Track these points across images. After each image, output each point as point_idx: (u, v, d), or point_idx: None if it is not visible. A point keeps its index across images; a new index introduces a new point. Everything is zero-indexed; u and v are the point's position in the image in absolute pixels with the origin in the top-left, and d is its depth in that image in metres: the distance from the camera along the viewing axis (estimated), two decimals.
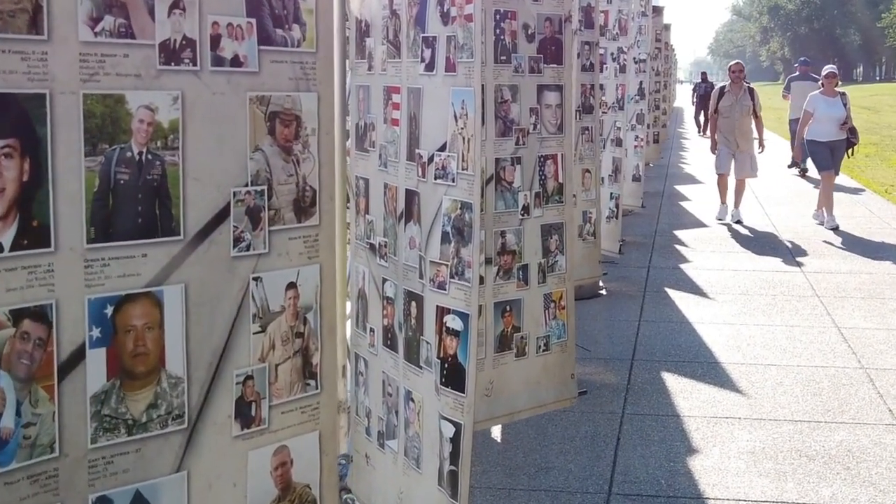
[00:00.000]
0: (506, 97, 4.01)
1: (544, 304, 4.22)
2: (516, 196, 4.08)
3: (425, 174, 2.73)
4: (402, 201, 2.89)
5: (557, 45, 4.19)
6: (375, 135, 3.08)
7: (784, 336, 7.25)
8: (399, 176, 2.91)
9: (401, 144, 2.89)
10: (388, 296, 3.01)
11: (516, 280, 4.11)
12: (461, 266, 2.59)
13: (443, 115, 2.64)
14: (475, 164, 2.51)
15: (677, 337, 7.26)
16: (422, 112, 2.75)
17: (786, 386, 6.09)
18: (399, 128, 2.90)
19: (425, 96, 2.74)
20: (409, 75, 2.83)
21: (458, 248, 2.59)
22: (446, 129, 2.63)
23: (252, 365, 2.52)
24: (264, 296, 2.53)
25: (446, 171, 2.63)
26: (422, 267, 2.78)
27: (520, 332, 4.15)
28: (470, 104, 2.53)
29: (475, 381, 2.56)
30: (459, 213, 2.58)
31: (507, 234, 4.05)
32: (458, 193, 2.58)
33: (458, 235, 2.59)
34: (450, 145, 2.62)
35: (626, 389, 6.06)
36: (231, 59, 2.43)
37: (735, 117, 11.99)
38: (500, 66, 3.98)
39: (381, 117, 3.03)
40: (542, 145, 4.18)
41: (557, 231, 4.25)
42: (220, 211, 2.43)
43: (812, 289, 8.81)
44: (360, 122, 3.19)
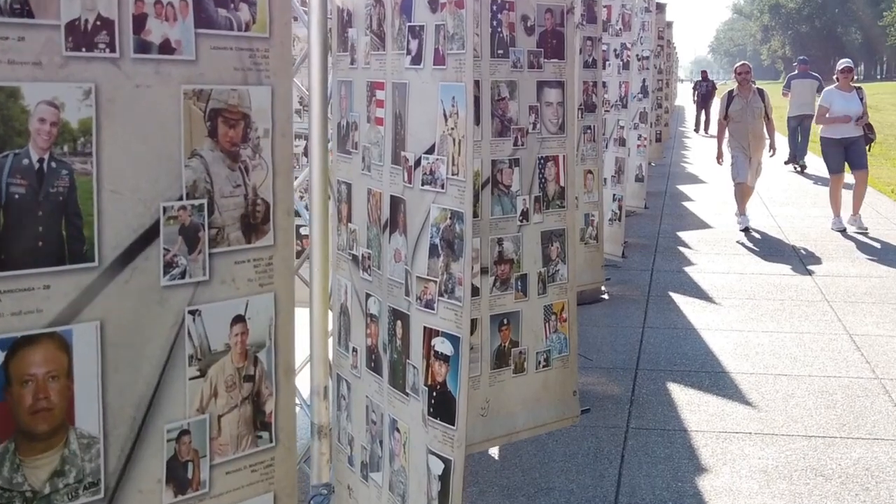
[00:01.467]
0: (503, 94, 3.72)
1: (544, 317, 3.94)
2: (514, 201, 3.79)
3: (411, 179, 2.44)
4: (386, 209, 2.60)
5: (559, 39, 3.90)
6: (358, 135, 2.80)
7: (794, 343, 6.97)
8: (383, 181, 2.62)
9: (385, 146, 2.61)
10: (372, 313, 2.73)
11: (514, 291, 3.82)
12: (451, 283, 2.30)
13: (431, 113, 2.36)
14: (467, 168, 2.22)
15: (683, 344, 6.98)
16: (408, 110, 2.47)
17: (798, 398, 5.81)
18: (383, 128, 2.61)
19: (412, 92, 2.45)
20: (395, 69, 2.55)
21: (448, 263, 2.31)
22: (435, 130, 2.34)
23: (188, 417, 2.11)
24: (203, 333, 2.13)
25: (434, 177, 2.34)
26: (408, 283, 2.49)
27: (518, 346, 3.87)
28: (461, 101, 2.25)
29: (466, 413, 2.28)
30: (449, 223, 2.29)
31: (505, 241, 3.76)
32: (448, 201, 2.29)
33: (447, 248, 2.30)
34: (438, 147, 2.34)
35: (630, 402, 5.78)
36: (160, 45, 2.01)
37: (748, 121, 11.43)
38: (497, 61, 3.69)
39: (365, 116, 2.74)
40: (543, 146, 3.89)
41: (559, 238, 3.96)
42: (147, 231, 2.01)
43: (821, 293, 8.54)
44: (343, 121, 2.90)
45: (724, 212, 13.53)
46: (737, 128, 11.51)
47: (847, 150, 11.45)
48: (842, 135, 11.41)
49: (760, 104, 11.49)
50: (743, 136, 11.47)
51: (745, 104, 11.45)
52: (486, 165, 3.67)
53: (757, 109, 11.43)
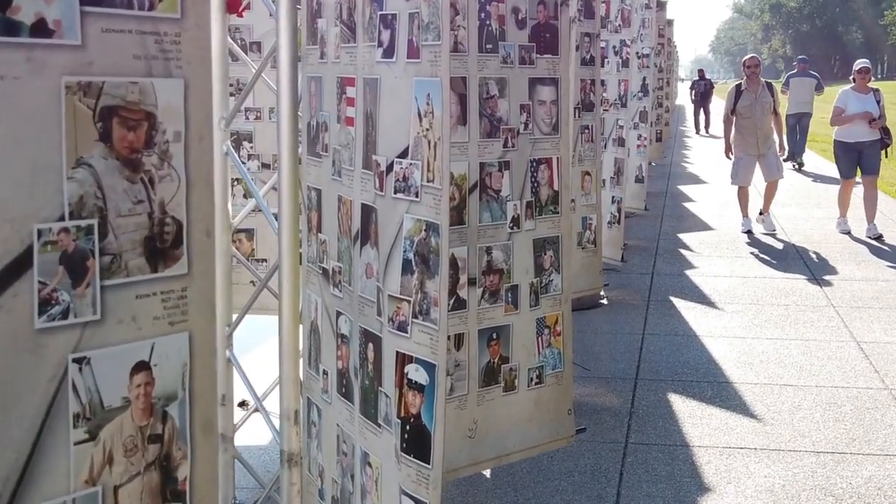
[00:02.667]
0: (492, 92, 3.47)
1: (537, 331, 3.68)
2: (504, 206, 3.53)
3: (383, 186, 2.18)
4: (357, 219, 2.34)
5: (552, 33, 3.64)
6: (328, 137, 2.54)
7: (800, 352, 6.72)
8: (354, 188, 2.36)
9: (356, 149, 2.35)
10: (343, 333, 2.47)
11: (504, 303, 3.56)
12: (426, 303, 2.04)
13: (404, 112, 2.10)
14: (443, 174, 1.96)
15: (684, 352, 6.73)
16: (379, 109, 2.21)
17: (804, 410, 5.55)
18: (354, 128, 2.36)
19: (383, 89, 2.19)
20: (365, 63, 2.29)
21: (423, 281, 2.05)
22: (408, 130, 2.09)
23: (74, 491, 1.70)
24: (94, 386, 1.73)
25: (408, 184, 2.09)
26: (380, 301, 2.23)
27: (508, 363, 3.61)
28: (436, 98, 1.99)
29: (443, 450, 2.02)
30: (424, 236, 2.03)
31: (494, 250, 3.50)
32: (422, 211, 2.04)
33: (421, 264, 2.04)
34: (412, 151, 2.08)
35: (629, 414, 5.52)
36: (33, 26, 1.60)
37: (756, 117, 10.90)
38: (486, 56, 3.43)
39: (335, 115, 2.48)
40: (535, 147, 3.63)
41: (552, 246, 3.70)
42: (15, 260, 1.60)
43: (826, 298, 8.28)
44: (312, 121, 2.64)
45: (726, 213, 13.28)
46: (745, 124, 11.02)
47: (861, 154, 10.93)
48: (856, 139, 10.88)
49: (770, 99, 11.03)
50: (751, 132, 11.01)
51: (754, 99, 10.95)
52: (474, 169, 3.41)
53: (766, 105, 10.97)
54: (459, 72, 3.34)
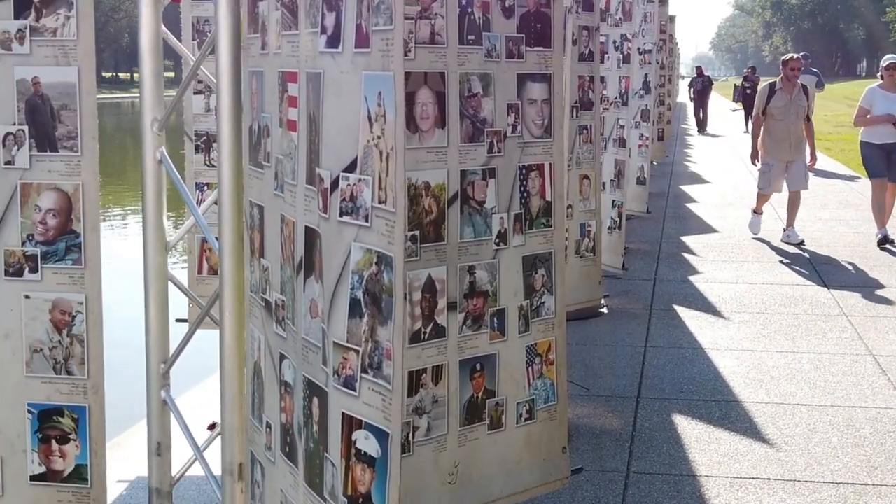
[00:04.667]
0: (475, 90, 3.04)
1: (527, 360, 3.25)
2: (489, 220, 3.10)
3: (327, 207, 1.76)
4: (300, 244, 1.92)
5: (544, 22, 3.21)
6: (270, 143, 2.11)
7: (812, 366, 6.30)
8: (297, 206, 1.94)
9: (298, 159, 1.93)
10: (287, 381, 2.05)
11: (489, 330, 3.14)
12: (377, 355, 1.62)
13: (352, 115, 1.68)
14: (397, 194, 1.54)
15: (689, 367, 6.31)
16: (322, 110, 1.79)
17: (820, 434, 5.13)
18: (296, 134, 1.93)
19: (327, 86, 1.77)
20: (308, 55, 1.87)
21: (374, 327, 1.63)
22: (357, 138, 1.66)
23: None
24: None
25: (356, 204, 1.67)
26: (325, 348, 1.81)
27: (494, 397, 3.18)
28: (389, 98, 1.57)
29: None
30: (375, 270, 1.62)
31: (477, 270, 3.08)
32: (373, 239, 1.62)
33: (372, 306, 1.63)
34: (361, 163, 1.66)
35: (630, 438, 5.10)
36: None
37: (790, 120, 10.07)
38: (468, 49, 3.01)
39: (277, 118, 2.06)
40: (525, 152, 3.21)
41: (544, 263, 3.27)
42: None
43: (838, 306, 7.86)
44: (254, 124, 2.21)
45: (730, 214, 12.88)
46: (777, 127, 10.21)
47: (889, 156, 10.16)
48: (883, 140, 10.12)
49: (805, 102, 10.28)
50: (783, 137, 10.23)
51: (788, 101, 10.14)
52: (454, 177, 2.98)
53: (801, 109, 10.20)
54: (437, 67, 2.92)
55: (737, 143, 25.01)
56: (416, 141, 2.87)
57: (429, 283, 2.95)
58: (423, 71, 2.89)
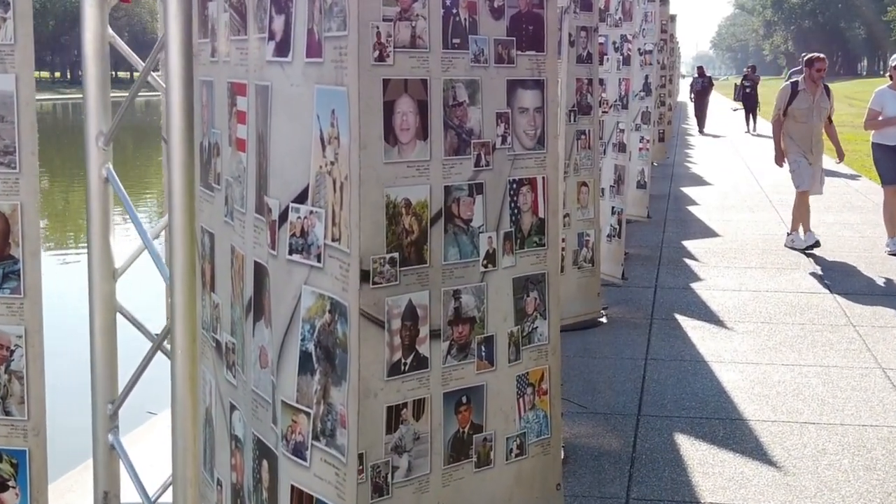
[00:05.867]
0: (460, 98, 2.78)
1: (517, 391, 2.99)
2: (476, 239, 2.84)
3: (275, 242, 1.51)
4: (250, 282, 1.67)
5: (536, 24, 2.95)
6: (221, 163, 1.86)
7: (819, 381, 6.05)
8: (246, 238, 1.69)
9: (248, 184, 1.68)
10: (238, 435, 1.80)
11: (476, 359, 2.87)
12: (331, 420, 1.37)
13: (303, 135, 1.42)
14: (351, 232, 1.29)
15: (692, 381, 6.06)
16: (270, 129, 1.53)
17: (830, 455, 4.88)
18: (245, 155, 1.68)
19: (275, 101, 1.52)
20: (257, 64, 1.61)
21: (326, 386, 1.38)
22: (308, 163, 1.41)
23: None
24: None
25: (307, 241, 1.41)
26: (275, 404, 1.56)
27: (482, 432, 2.92)
28: (343, 117, 1.31)
29: None
30: (328, 320, 1.37)
31: (463, 294, 2.82)
32: (326, 283, 1.37)
33: (325, 361, 1.38)
34: (313, 193, 1.41)
35: (630, 460, 4.85)
36: None
37: (813, 122, 9.72)
38: (452, 54, 2.75)
39: (226, 135, 1.81)
40: (515, 165, 2.94)
41: (537, 286, 3.01)
42: None
43: (845, 315, 7.61)
44: (204, 140, 1.96)
45: (732, 217, 12.65)
46: (800, 129, 9.81)
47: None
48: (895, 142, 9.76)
49: (828, 104, 9.89)
50: (806, 139, 9.84)
51: (812, 102, 9.74)
52: (437, 194, 2.72)
53: (824, 110, 9.83)
54: (418, 73, 2.66)
55: (738, 144, 24.77)
56: (395, 154, 2.61)
57: (409, 309, 2.69)
58: (402, 78, 2.63)
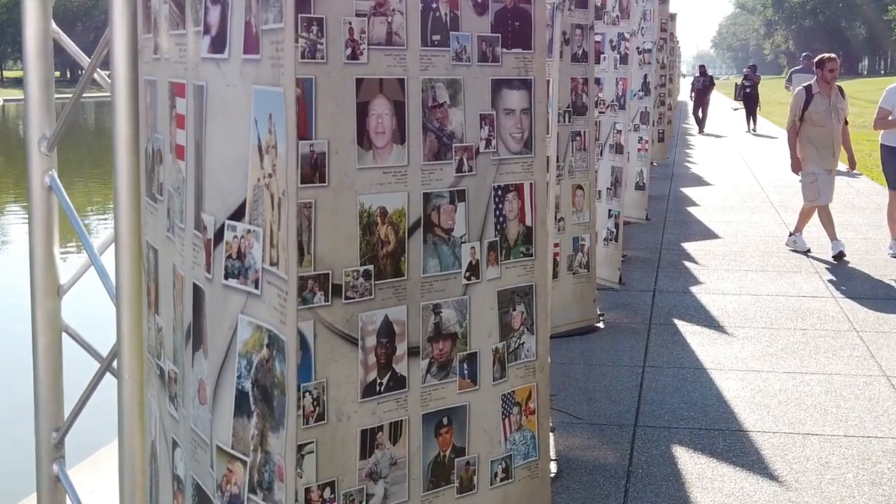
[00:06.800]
0: (440, 99, 2.60)
1: (503, 411, 2.81)
2: (458, 250, 2.67)
3: (210, 265, 1.33)
4: (189, 306, 1.49)
5: (523, 20, 2.78)
6: (163, 172, 1.68)
7: (822, 389, 5.86)
8: (185, 257, 1.51)
9: (187, 196, 1.50)
10: (179, 475, 1.61)
11: (458, 378, 2.70)
12: (268, 472, 1.19)
13: (240, 143, 1.24)
14: (289, 256, 1.10)
15: (691, 390, 5.87)
16: (206, 135, 1.35)
17: (834, 469, 4.70)
18: (185, 163, 1.50)
19: (211, 103, 1.34)
20: (194, 61, 1.43)
21: (264, 431, 1.20)
22: (246, 175, 1.23)
23: None
24: None
25: (244, 264, 1.23)
26: (212, 448, 1.38)
27: (464, 455, 2.74)
28: (280, 122, 1.13)
29: None
30: (266, 355, 1.18)
31: (444, 308, 2.64)
32: (264, 313, 1.19)
33: (262, 403, 1.19)
34: (250, 209, 1.22)
35: (627, 474, 4.67)
36: None
37: (833, 125, 9.34)
38: (432, 51, 2.57)
39: (168, 140, 1.63)
40: (501, 171, 2.77)
41: (524, 298, 2.84)
42: None
43: (848, 320, 7.42)
44: (149, 146, 1.78)
45: (733, 218, 12.46)
46: (819, 134, 9.39)
47: None
48: None
49: (845, 105, 9.59)
50: (826, 143, 9.44)
51: (828, 105, 9.37)
52: (416, 201, 2.55)
53: (842, 112, 9.48)
54: (395, 72, 2.48)
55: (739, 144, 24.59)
56: (369, 159, 2.44)
57: (385, 325, 2.52)
58: (377, 77, 2.46)
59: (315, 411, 2.32)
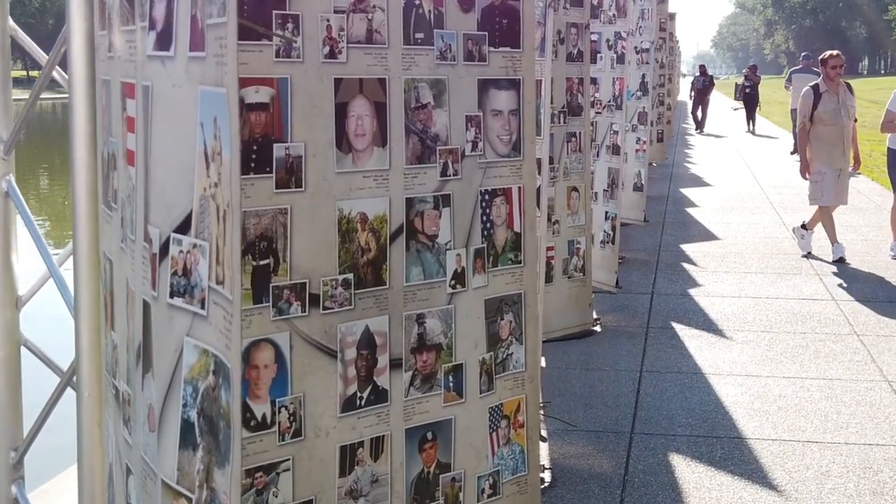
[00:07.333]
0: (424, 99, 2.49)
1: (490, 424, 2.70)
2: (442, 257, 2.56)
3: (155, 281, 1.22)
4: (139, 325, 1.38)
5: (511, 17, 2.67)
6: (117, 178, 1.57)
7: (822, 395, 5.75)
8: (136, 271, 1.40)
9: (137, 205, 1.38)
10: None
11: (443, 390, 2.59)
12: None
13: (186, 149, 1.13)
14: (234, 274, 0.99)
15: (689, 396, 5.76)
16: (151, 140, 1.24)
17: (834, 478, 4.59)
18: (135, 170, 1.39)
19: (156, 105, 1.23)
20: (142, 59, 1.32)
21: (210, 466, 1.09)
22: (192, 184, 1.11)
23: None
24: None
25: (190, 282, 1.12)
26: (159, 480, 1.26)
27: (450, 471, 2.63)
28: (224, 127, 1.02)
29: None
30: (212, 382, 1.07)
31: (428, 318, 2.53)
32: (210, 336, 1.08)
33: (208, 436, 1.08)
34: (196, 221, 1.11)
35: (622, 484, 4.56)
36: None
37: (843, 123, 9.13)
38: (415, 50, 2.46)
39: (121, 144, 1.52)
40: (488, 174, 2.66)
41: (512, 307, 2.72)
42: None
43: (849, 324, 7.32)
44: (105, 150, 1.67)
45: (733, 220, 12.35)
46: (829, 133, 9.19)
47: None
48: None
49: (854, 102, 9.36)
50: (836, 143, 9.22)
51: (838, 103, 9.19)
52: (398, 207, 2.44)
53: (852, 109, 9.27)
54: (375, 71, 2.37)
55: (738, 144, 24.48)
56: (349, 163, 2.33)
57: (366, 337, 2.40)
58: (357, 77, 2.34)
59: (291, 427, 2.21)
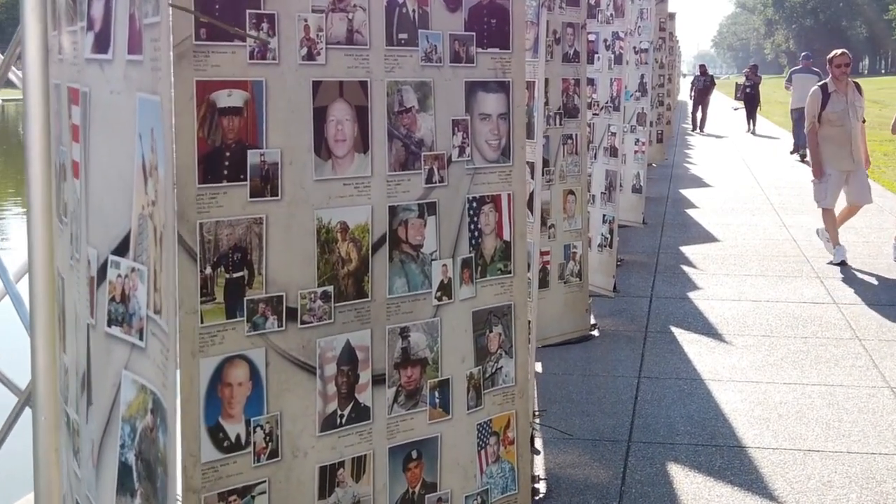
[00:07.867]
0: (408, 103, 2.38)
1: (479, 441, 2.59)
2: (428, 268, 2.45)
3: (94, 307, 1.11)
4: (83, 351, 1.27)
5: (500, 17, 2.56)
6: (66, 190, 1.46)
7: (824, 402, 5.64)
8: (81, 293, 1.29)
9: (81, 221, 1.27)
10: None
11: (428, 407, 2.48)
12: None
13: (124, 161, 1.02)
14: (168, 302, 0.88)
15: (688, 403, 5.65)
16: (90, 150, 1.13)
17: (836, 489, 4.47)
18: (79, 183, 1.28)
19: (94, 113, 1.12)
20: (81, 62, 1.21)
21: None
22: (130, 201, 1.00)
23: None
24: None
25: (128, 310, 1.01)
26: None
27: (436, 491, 2.52)
28: (159, 139, 0.91)
29: None
30: (150, 422, 0.96)
31: (412, 332, 2.42)
32: (148, 370, 0.97)
33: (147, 481, 0.97)
34: (135, 243, 1.00)
35: (619, 495, 4.44)
36: None
37: (851, 124, 8.91)
38: (398, 51, 2.35)
39: (69, 154, 1.41)
40: (476, 181, 2.55)
41: (501, 319, 2.61)
42: None
43: (850, 327, 7.20)
44: (57, 159, 1.56)
45: (733, 221, 12.23)
46: (837, 133, 9.00)
47: None
48: None
49: (863, 102, 9.19)
50: (844, 143, 9.05)
51: (846, 103, 9.01)
52: (381, 215, 2.33)
53: (860, 110, 9.10)
54: (356, 74, 2.27)
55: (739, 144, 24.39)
56: (328, 170, 2.22)
57: (347, 352, 2.30)
58: (336, 79, 2.24)
59: (267, 447, 2.11)
